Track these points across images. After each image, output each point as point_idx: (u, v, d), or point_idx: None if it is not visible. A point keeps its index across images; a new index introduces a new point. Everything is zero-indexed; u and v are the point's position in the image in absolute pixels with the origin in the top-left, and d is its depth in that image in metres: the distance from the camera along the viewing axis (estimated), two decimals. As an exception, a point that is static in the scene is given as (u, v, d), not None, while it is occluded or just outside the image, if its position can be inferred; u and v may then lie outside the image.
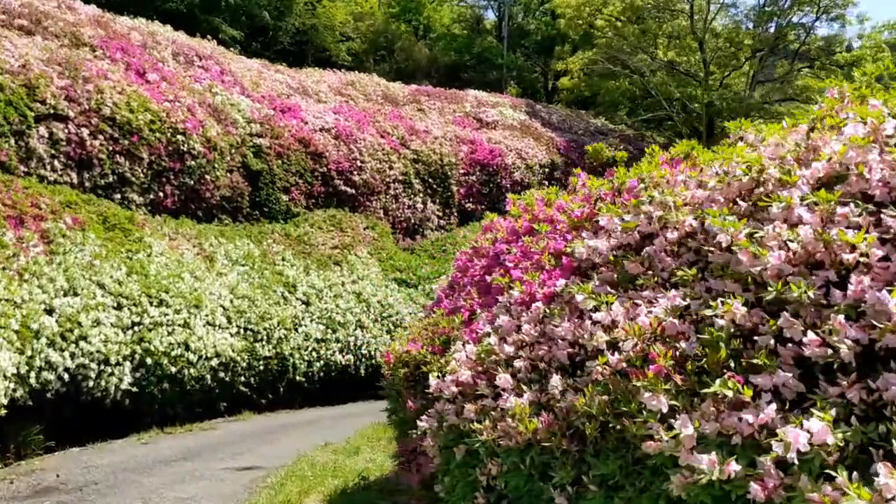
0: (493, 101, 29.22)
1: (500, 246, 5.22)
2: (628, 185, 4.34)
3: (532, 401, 3.47)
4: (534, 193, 5.92)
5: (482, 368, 3.99)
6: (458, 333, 4.65)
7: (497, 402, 3.75)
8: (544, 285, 4.13)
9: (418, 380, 4.78)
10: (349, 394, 16.23)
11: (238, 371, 13.00)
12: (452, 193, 23.03)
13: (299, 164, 18.94)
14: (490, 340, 4.06)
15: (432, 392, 4.22)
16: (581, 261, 4.06)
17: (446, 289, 5.74)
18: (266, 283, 14.70)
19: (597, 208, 4.39)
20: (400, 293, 18.10)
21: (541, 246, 4.54)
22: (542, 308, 3.97)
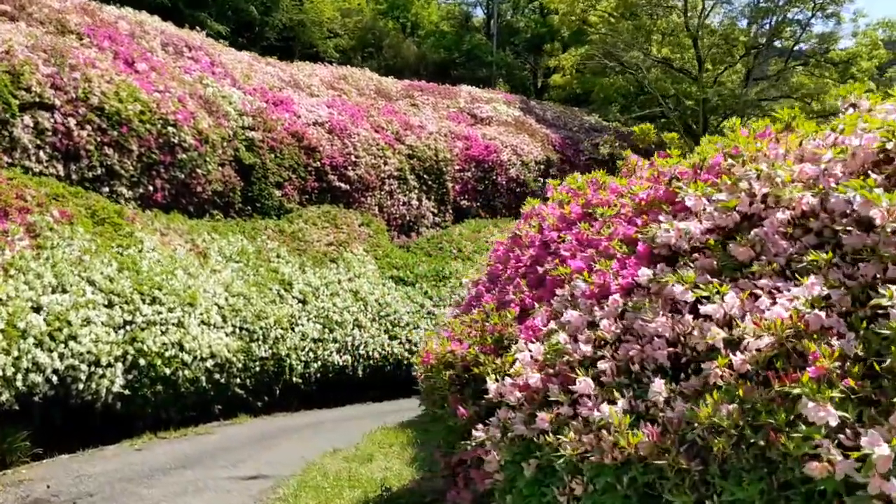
0: (487, 96, 28.72)
1: (549, 234, 4.71)
2: (710, 162, 3.84)
3: (625, 409, 2.95)
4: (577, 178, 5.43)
5: (554, 371, 3.47)
6: (512, 331, 4.13)
7: (575, 409, 3.24)
8: (619, 275, 3.61)
9: (466, 383, 4.25)
10: (347, 395, 15.68)
11: (233, 372, 12.41)
12: (447, 190, 22.50)
13: (292, 158, 18.35)
14: (559, 338, 3.54)
15: (491, 397, 3.69)
16: (662, 247, 3.55)
17: (485, 282, 5.22)
18: (261, 281, 14.11)
19: (672, 188, 3.88)
20: (397, 292, 17.56)
21: (606, 232, 4.03)
22: (621, 301, 3.46)
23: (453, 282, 18.89)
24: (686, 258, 3.33)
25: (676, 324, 3.03)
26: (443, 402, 4.51)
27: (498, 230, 21.93)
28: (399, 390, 16.79)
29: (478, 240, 21.28)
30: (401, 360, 16.46)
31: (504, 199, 24.03)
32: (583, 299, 3.73)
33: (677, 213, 3.74)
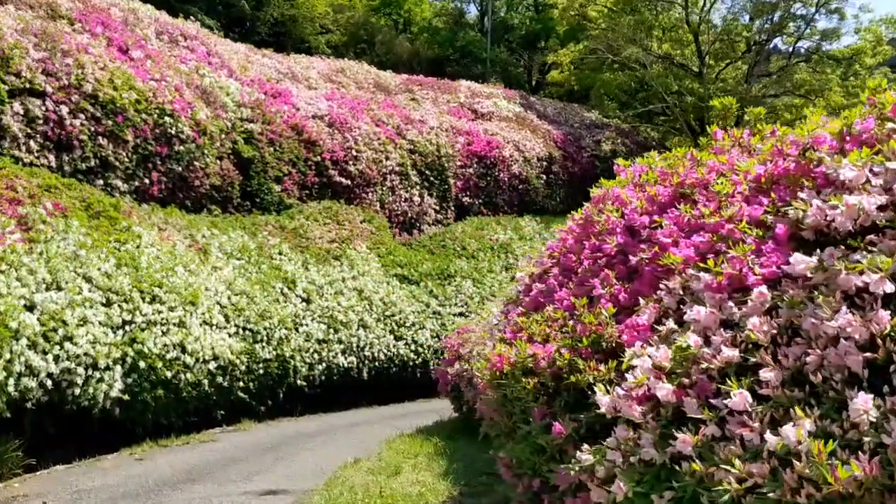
0: (487, 91, 28.11)
1: (636, 218, 4.07)
2: (859, 127, 3.21)
3: (812, 431, 2.32)
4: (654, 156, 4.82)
5: (689, 381, 2.83)
6: (612, 331, 3.48)
7: (723, 429, 2.61)
8: (758, 263, 2.98)
9: (555, 393, 3.60)
10: (351, 398, 15.05)
11: (237, 375, 11.72)
12: (449, 186, 21.86)
13: (292, 152, 17.67)
14: (688, 341, 2.90)
15: (603, 412, 3.05)
16: (810, 229, 2.92)
17: (557, 275, 4.57)
18: (264, 279, 13.42)
19: (807, 160, 3.26)
20: (402, 290, 16.91)
21: (728, 213, 3.39)
22: (769, 295, 2.82)
23: (458, 280, 18.28)
24: (856, 241, 2.70)
25: (869, 322, 2.39)
26: (523, 415, 3.85)
27: (501, 227, 21.38)
28: (405, 393, 16.17)
29: (482, 237, 20.68)
30: (406, 361, 15.85)
31: (506, 195, 23.41)
32: (708, 293, 3.09)
33: (820, 188, 3.11)
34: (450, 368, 9.33)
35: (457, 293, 18.00)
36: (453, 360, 9.66)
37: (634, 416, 2.92)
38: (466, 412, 9.09)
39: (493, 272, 19.54)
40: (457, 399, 9.50)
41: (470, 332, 9.61)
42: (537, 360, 3.74)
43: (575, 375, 3.38)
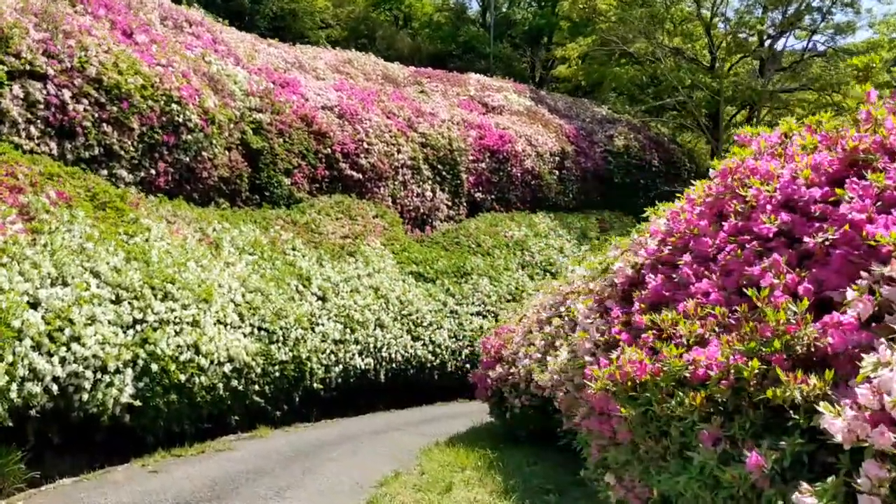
0: (497, 85, 27.36)
1: (799, 192, 3.31)
2: None
3: None
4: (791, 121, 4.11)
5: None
6: (810, 331, 2.72)
7: None
8: None
9: (734, 412, 2.84)
10: (368, 402, 14.31)
11: (252, 378, 10.93)
12: (462, 181, 21.09)
13: (302, 143, 16.88)
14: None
15: (839, 441, 2.29)
16: None
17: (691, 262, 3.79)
18: (279, 276, 12.63)
19: None
20: (418, 289, 16.15)
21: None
22: None
23: (475, 278, 17.54)
24: None
25: None
26: (683, 438, 3.08)
27: (515, 224, 20.66)
28: (422, 396, 15.43)
29: (496, 234, 19.95)
30: (424, 362, 15.10)
31: (518, 191, 22.67)
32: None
33: None
34: (491, 372, 8.56)
35: (473, 291, 17.24)
36: (493, 362, 8.90)
37: (886, 445, 2.17)
38: (511, 419, 8.33)
39: (510, 270, 18.79)
40: (498, 405, 8.73)
41: (510, 333, 8.85)
42: (696, 369, 2.97)
43: (773, 389, 2.61)
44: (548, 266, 19.85)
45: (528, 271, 19.34)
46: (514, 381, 8.05)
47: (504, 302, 17.74)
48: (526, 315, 8.94)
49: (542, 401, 7.55)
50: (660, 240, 4.17)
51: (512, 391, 8.16)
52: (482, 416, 12.05)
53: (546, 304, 8.50)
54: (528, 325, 8.47)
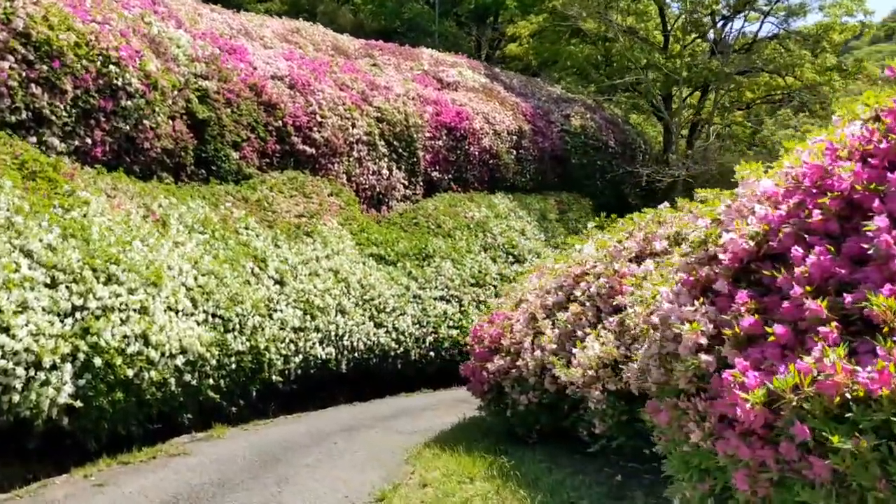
0: (451, 60, 26.29)
1: None
2: None
3: None
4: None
5: None
6: None
7: None
8: None
9: None
10: (329, 394, 13.25)
11: (207, 371, 9.75)
12: (418, 159, 20.00)
13: (251, 115, 15.56)
14: None
15: None
16: None
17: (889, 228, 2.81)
18: (233, 257, 11.41)
19: None
20: (379, 272, 15.08)
21: None
22: None
23: (437, 261, 16.55)
24: None
25: None
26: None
27: (475, 205, 19.76)
28: (385, 387, 14.43)
29: (456, 215, 18.98)
30: (387, 351, 14.09)
31: (476, 171, 21.69)
32: None
33: None
34: (489, 364, 7.57)
35: (437, 275, 16.24)
36: (487, 353, 7.91)
37: None
38: (513, 417, 7.37)
39: (472, 252, 17.85)
40: (496, 401, 7.74)
41: (507, 320, 7.88)
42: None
43: None
44: (510, 248, 18.97)
45: (491, 254, 18.43)
46: (518, 375, 7.09)
47: (468, 286, 16.81)
48: (525, 300, 7.98)
49: (557, 398, 6.62)
50: (796, 202, 3.20)
51: (515, 386, 7.19)
52: (458, 409, 11.12)
53: (550, 288, 7.56)
54: (529, 311, 7.51)
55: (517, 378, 7.13)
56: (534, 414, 6.99)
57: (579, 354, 5.64)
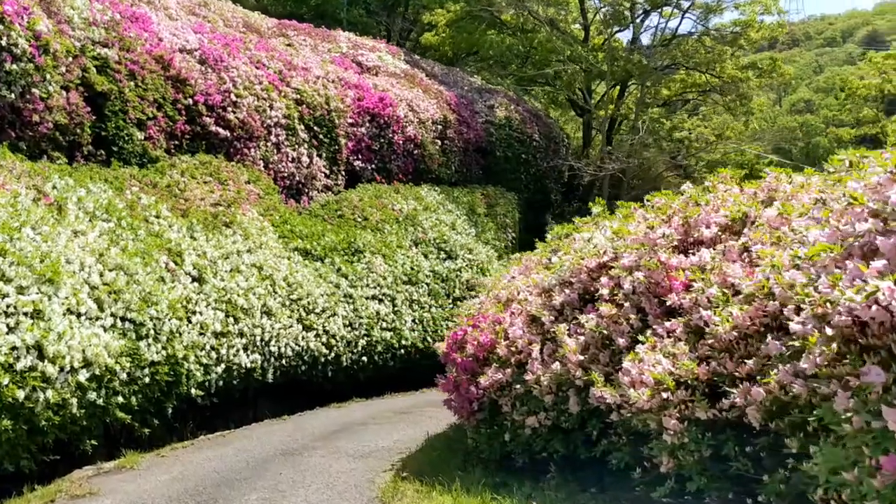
0: (370, 44, 24.78)
1: None
2: None
3: None
4: None
5: None
6: None
7: None
8: None
9: None
10: (252, 406, 11.65)
11: (115, 387, 8.02)
12: (340, 147, 18.43)
13: (157, 90, 13.69)
14: None
15: None
16: None
17: None
18: (145, 249, 9.65)
19: None
20: (306, 268, 13.51)
21: None
22: None
23: (368, 257, 15.08)
24: None
25: None
26: None
27: (402, 197, 18.39)
28: (313, 396, 12.91)
29: (384, 207, 17.52)
30: (317, 356, 12.58)
31: (401, 161, 20.26)
32: None
33: None
34: (481, 378, 6.20)
35: (368, 272, 14.77)
36: (473, 364, 6.55)
37: None
38: (513, 441, 6.03)
39: (403, 247, 16.43)
40: (489, 422, 6.36)
41: (498, 324, 6.52)
42: None
43: None
44: (441, 243, 17.65)
45: (423, 249, 17.06)
46: (522, 392, 5.76)
47: (401, 284, 15.40)
48: (518, 299, 6.65)
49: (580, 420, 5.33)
50: None
51: (518, 405, 5.85)
52: (404, 423, 9.82)
53: (551, 285, 6.28)
54: (529, 313, 6.19)
55: (521, 395, 5.80)
56: (543, 439, 5.68)
57: (635, 369, 4.36)
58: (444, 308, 16.37)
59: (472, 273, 17.73)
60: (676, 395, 4.03)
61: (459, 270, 17.37)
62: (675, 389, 4.03)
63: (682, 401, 4.02)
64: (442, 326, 15.99)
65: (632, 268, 5.27)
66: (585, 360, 5.13)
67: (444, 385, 6.93)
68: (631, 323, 4.91)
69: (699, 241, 5.25)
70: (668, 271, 4.90)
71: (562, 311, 5.93)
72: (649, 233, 5.40)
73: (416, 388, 15.50)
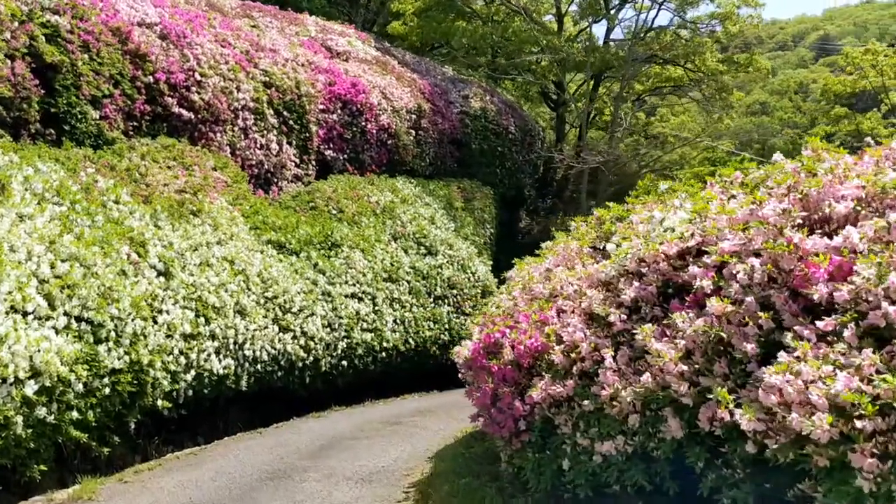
0: (339, 29, 23.47)
1: None
2: None
3: None
4: None
5: None
6: None
7: None
8: None
9: None
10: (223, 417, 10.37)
11: (69, 400, 6.70)
12: (311, 135, 17.12)
13: (114, 65, 12.27)
14: None
15: None
16: None
17: None
18: (104, 238, 8.30)
19: None
20: (281, 262, 12.24)
21: None
22: None
23: (346, 251, 13.88)
24: None
25: None
26: None
27: (377, 189, 17.18)
28: (288, 405, 11.67)
29: (359, 199, 16.26)
30: (294, 361, 11.35)
31: (374, 152, 19.01)
32: None
33: None
34: (533, 391, 5.04)
35: (347, 268, 13.53)
36: (514, 373, 5.39)
37: None
38: (570, 470, 4.89)
39: (381, 242, 15.21)
40: (539, 446, 5.19)
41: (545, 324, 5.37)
42: None
43: None
44: (421, 238, 16.46)
45: (402, 244, 15.85)
46: (592, 409, 4.62)
47: (381, 281, 14.19)
48: (563, 294, 5.52)
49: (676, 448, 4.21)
50: None
51: (583, 424, 4.72)
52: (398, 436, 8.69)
53: (609, 276, 5.18)
54: (590, 310, 5.07)
55: (589, 414, 4.67)
56: (618, 469, 4.55)
57: (791, 386, 3.25)
58: (426, 307, 15.22)
59: (454, 270, 16.60)
60: (874, 422, 2.93)
61: (440, 267, 16.21)
62: (872, 415, 2.93)
63: (882, 430, 2.92)
64: (424, 327, 14.86)
65: (739, 253, 4.18)
66: (689, 372, 4.02)
67: (478, 399, 5.72)
68: (760, 323, 3.81)
69: (825, 220, 4.18)
70: (803, 257, 3.81)
71: (635, 308, 4.82)
72: (756, 209, 4.31)
73: (395, 395, 14.35)
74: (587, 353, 4.82)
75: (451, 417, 11.50)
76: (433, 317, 15.33)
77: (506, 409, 5.27)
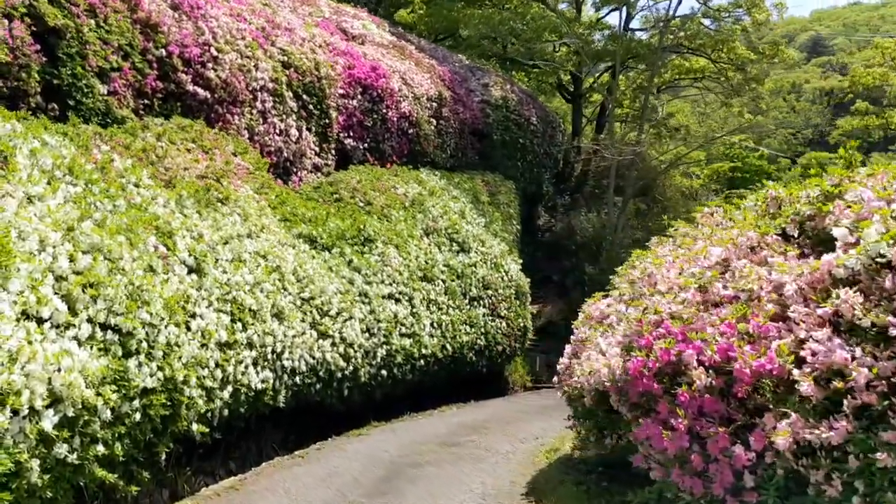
0: (352, 11, 21.97)
1: None
2: None
3: None
4: None
5: None
6: None
7: None
8: None
9: None
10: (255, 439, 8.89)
11: (94, 432, 5.21)
12: (331, 121, 15.62)
13: (123, 35, 10.73)
14: None
15: None
16: None
17: None
18: (129, 226, 6.79)
19: None
20: (315, 259, 10.76)
21: None
22: None
23: (380, 247, 12.45)
24: None
25: None
26: None
27: (401, 181, 15.77)
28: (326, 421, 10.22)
29: (386, 191, 14.81)
30: (333, 371, 9.87)
31: (395, 141, 17.55)
32: None
33: None
34: (777, 436, 3.56)
35: (382, 265, 12.07)
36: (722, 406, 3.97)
37: None
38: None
39: (414, 237, 13.77)
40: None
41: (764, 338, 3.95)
42: None
43: None
44: (454, 234, 15.03)
45: (434, 240, 14.42)
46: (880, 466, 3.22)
47: (417, 281, 12.77)
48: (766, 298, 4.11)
49: None
50: None
51: (862, 487, 3.32)
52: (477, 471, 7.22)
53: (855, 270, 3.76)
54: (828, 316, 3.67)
55: (883, 471, 3.26)
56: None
57: None
58: (462, 309, 13.83)
59: (487, 269, 15.20)
60: None
61: (474, 265, 14.80)
62: None
63: None
64: (461, 332, 13.47)
65: None
66: None
67: (671, 441, 4.20)
68: None
69: None
70: None
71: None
72: None
73: (432, 406, 12.97)
74: (865, 383, 3.40)
75: (512, 436, 10.13)
76: (469, 320, 13.93)
77: (718, 457, 3.83)
